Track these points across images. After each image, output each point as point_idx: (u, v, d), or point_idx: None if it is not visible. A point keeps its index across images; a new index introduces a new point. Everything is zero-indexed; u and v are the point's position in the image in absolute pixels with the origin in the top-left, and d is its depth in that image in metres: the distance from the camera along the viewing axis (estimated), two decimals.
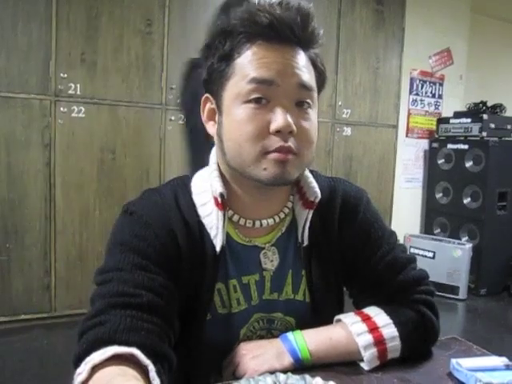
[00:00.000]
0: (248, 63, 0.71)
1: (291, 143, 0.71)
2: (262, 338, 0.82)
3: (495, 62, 4.71)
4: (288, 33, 0.71)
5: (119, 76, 2.81)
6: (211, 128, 0.80)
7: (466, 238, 3.81)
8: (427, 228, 4.14)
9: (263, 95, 0.70)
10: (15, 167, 2.62)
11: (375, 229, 0.87)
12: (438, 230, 4.05)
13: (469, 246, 3.60)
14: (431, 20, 4.04)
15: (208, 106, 0.80)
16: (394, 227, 3.89)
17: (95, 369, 0.55)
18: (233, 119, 0.72)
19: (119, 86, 2.81)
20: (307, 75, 0.73)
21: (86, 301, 0.70)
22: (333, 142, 3.59)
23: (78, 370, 0.55)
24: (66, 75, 2.67)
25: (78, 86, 2.70)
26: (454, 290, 3.54)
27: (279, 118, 0.70)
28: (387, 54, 3.80)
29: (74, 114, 2.71)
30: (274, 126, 0.70)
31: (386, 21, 3.75)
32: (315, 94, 0.76)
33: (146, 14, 2.84)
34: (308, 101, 0.74)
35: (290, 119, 0.70)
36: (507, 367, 0.75)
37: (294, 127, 0.70)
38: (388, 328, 0.77)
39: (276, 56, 0.71)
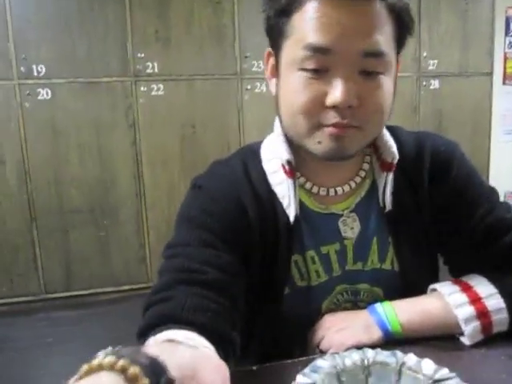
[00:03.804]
0: (305, 23, 0.62)
1: (351, 118, 0.63)
2: (347, 310, 0.77)
3: None
4: None
5: (193, 49, 2.82)
6: (273, 87, 0.73)
7: None
8: None
9: (320, 65, 0.62)
10: (105, 149, 2.76)
11: (472, 186, 0.77)
12: None
13: None
14: None
15: (271, 61, 0.73)
16: (492, 185, 3.62)
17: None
18: (287, 86, 0.66)
19: (194, 60, 2.82)
20: (378, 38, 0.61)
21: None
22: (419, 98, 3.33)
23: (152, 341, 0.55)
24: (143, 55, 2.73)
25: (156, 64, 2.76)
26: None
27: (336, 92, 0.61)
28: None
29: (153, 93, 2.78)
30: (329, 101, 0.62)
31: None
32: (389, 57, 0.64)
33: None
34: (377, 70, 0.63)
35: (349, 93, 0.61)
36: None
37: (354, 102, 0.62)
38: (493, 298, 0.69)
39: (340, 14, 0.60)
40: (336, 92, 0.61)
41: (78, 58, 2.66)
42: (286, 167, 0.72)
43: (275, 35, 0.68)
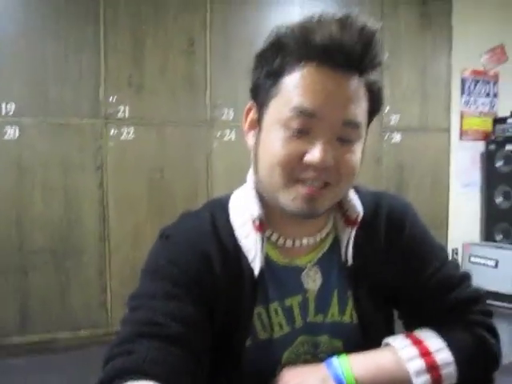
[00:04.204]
0: (294, 87, 0.67)
1: (325, 176, 0.68)
2: (306, 362, 0.78)
3: None
4: (344, 60, 0.65)
5: (165, 96, 2.88)
6: (250, 139, 0.76)
7: None
8: (488, 235, 3.93)
9: (304, 126, 0.67)
10: (71, 189, 2.74)
11: (423, 244, 0.82)
12: (500, 237, 3.83)
13: None
14: (481, 16, 3.86)
15: (251, 115, 0.76)
16: (451, 236, 3.76)
17: None
18: (270, 140, 0.70)
19: (165, 106, 2.89)
20: (356, 110, 0.68)
21: None
22: (382, 150, 3.49)
23: None
24: (114, 99, 2.77)
25: (127, 108, 2.80)
26: None
27: (316, 152, 0.66)
28: (435, 55, 3.67)
29: (123, 136, 2.81)
30: (308, 159, 0.66)
31: (433, 20, 3.63)
32: (362, 130, 0.70)
33: (189, 34, 2.91)
34: (352, 138, 0.69)
35: (327, 156, 0.66)
36: None
37: (331, 162, 0.67)
38: (442, 352, 0.72)
39: (326, 83, 0.66)
40: (315, 152, 0.66)
41: (49, 97, 2.67)
42: (256, 222, 0.74)
43: (262, 93, 0.72)
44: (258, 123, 0.74)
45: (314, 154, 0.66)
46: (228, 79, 2.95)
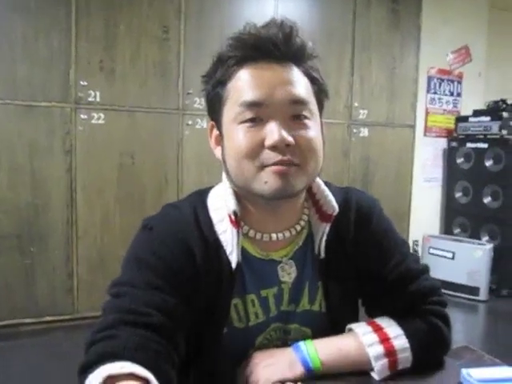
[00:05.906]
0: (238, 86, 0.74)
1: (290, 155, 0.72)
2: (277, 347, 0.83)
3: None
4: (272, 48, 0.73)
5: (137, 82, 2.86)
6: (219, 154, 0.82)
7: (487, 238, 3.76)
8: (447, 228, 4.09)
9: (255, 115, 0.73)
10: (38, 173, 2.69)
11: (388, 238, 0.88)
12: (458, 230, 4.00)
13: (489, 246, 3.55)
14: (448, 17, 3.99)
15: (214, 132, 0.82)
16: (412, 228, 3.91)
17: (109, 380, 0.57)
18: (231, 140, 0.75)
19: (137, 92, 2.86)
20: (300, 89, 0.75)
21: None
22: (349, 143, 3.58)
23: (91, 378, 0.58)
24: (85, 83, 2.73)
25: (98, 93, 2.76)
26: (474, 290, 3.49)
27: (273, 134, 0.71)
28: (403, 53, 3.77)
29: (93, 121, 2.77)
30: (268, 142, 0.72)
31: (402, 20, 3.72)
32: (313, 106, 0.77)
33: (163, 21, 2.89)
34: (304, 113, 0.75)
35: (284, 133, 0.71)
36: None
37: (290, 139, 0.71)
38: (399, 339, 0.78)
39: (264, 75, 0.74)
40: (272, 134, 0.71)
41: (17, 79, 2.60)
42: (232, 217, 0.77)
43: (216, 105, 0.78)
44: (219, 134, 0.79)
45: (272, 136, 0.71)
46: (200, 68, 2.90)
